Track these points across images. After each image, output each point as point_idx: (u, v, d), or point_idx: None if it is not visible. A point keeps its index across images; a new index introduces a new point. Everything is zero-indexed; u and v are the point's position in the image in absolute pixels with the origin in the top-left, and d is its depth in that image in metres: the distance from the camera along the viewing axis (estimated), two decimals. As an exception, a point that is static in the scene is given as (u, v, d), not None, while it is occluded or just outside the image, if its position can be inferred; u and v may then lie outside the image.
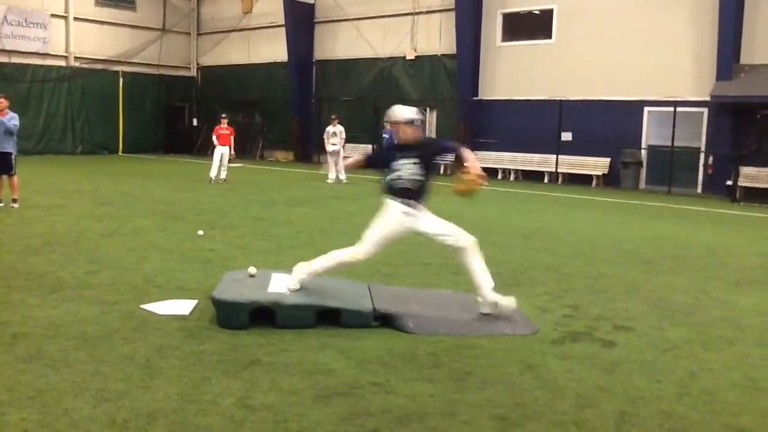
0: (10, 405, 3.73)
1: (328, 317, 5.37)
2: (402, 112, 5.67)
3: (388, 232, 5.52)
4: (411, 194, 5.46)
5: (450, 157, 5.83)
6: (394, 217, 5.48)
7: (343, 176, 18.34)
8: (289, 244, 9.10)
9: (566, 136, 21.12)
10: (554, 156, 21.33)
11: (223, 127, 17.88)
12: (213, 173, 17.37)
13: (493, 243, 9.65)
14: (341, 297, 5.59)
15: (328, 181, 18.45)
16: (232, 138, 17.94)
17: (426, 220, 5.58)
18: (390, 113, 5.73)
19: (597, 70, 20.54)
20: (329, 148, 18.80)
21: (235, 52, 30.61)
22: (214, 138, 17.91)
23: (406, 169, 5.46)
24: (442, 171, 23.86)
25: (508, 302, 5.64)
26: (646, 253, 9.22)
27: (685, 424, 3.79)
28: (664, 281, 7.50)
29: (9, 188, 11.47)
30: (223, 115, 18.61)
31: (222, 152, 17.50)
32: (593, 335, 5.40)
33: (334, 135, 18.73)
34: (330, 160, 18.88)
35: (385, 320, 5.43)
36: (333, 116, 19.53)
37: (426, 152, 5.56)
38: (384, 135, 19.03)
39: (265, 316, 5.29)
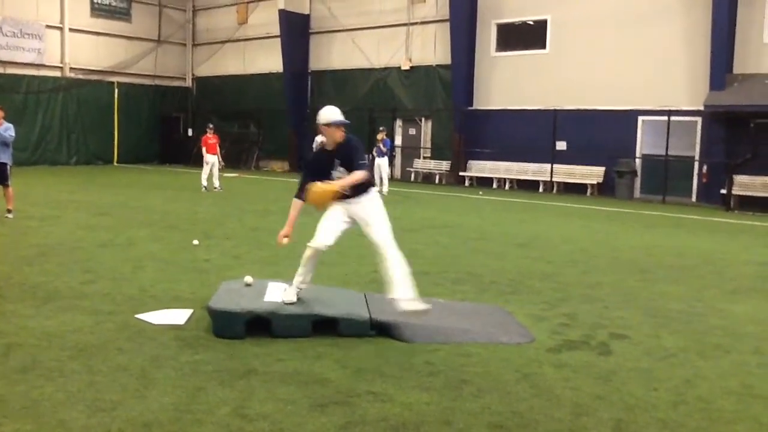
0: (5, 416, 3.71)
1: (325, 326, 5.36)
2: (326, 114, 5.68)
3: (331, 219, 5.59)
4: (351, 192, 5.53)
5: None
6: (335, 207, 5.59)
7: None
8: (284, 254, 9.05)
9: (561, 146, 21.20)
10: (549, 165, 21.38)
11: (210, 137, 18.39)
12: (205, 182, 17.96)
13: (489, 252, 9.67)
14: (338, 306, 5.58)
15: None
16: (218, 146, 18.44)
17: (365, 208, 5.56)
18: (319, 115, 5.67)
19: (591, 79, 20.62)
20: None
21: (230, 63, 30.68)
22: (203, 150, 18.33)
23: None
24: (437, 181, 23.98)
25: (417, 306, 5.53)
26: (642, 262, 9.24)
27: (682, 432, 3.80)
28: (659, 290, 7.51)
29: (4, 199, 11.45)
30: (210, 125, 19.17)
31: (212, 161, 18.10)
32: (589, 343, 5.40)
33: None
34: None
35: (381, 329, 5.42)
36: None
37: (346, 156, 5.55)
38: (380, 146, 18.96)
39: (261, 325, 5.28)
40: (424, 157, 25.12)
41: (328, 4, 27.07)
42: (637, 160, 20.19)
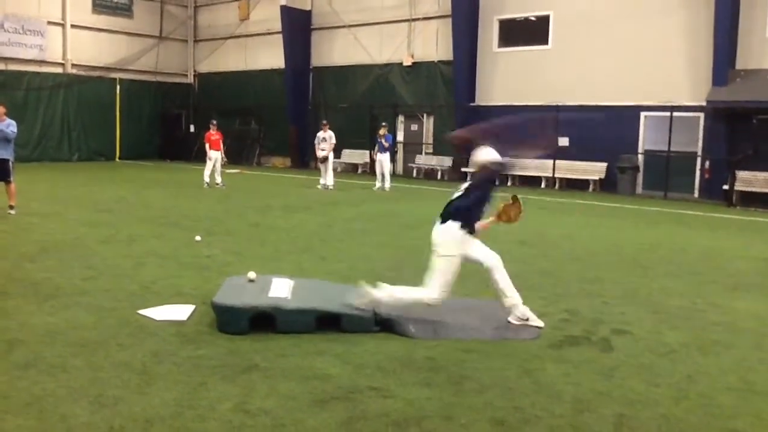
0: (7, 412, 3.73)
1: (328, 322, 5.36)
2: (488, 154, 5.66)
3: (453, 273, 5.59)
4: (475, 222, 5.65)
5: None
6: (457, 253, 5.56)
7: (330, 182, 18.40)
8: (286, 250, 9.10)
9: (563, 142, 21.14)
10: (551, 161, 21.35)
11: (213, 133, 18.51)
12: (207, 178, 18.01)
13: (490, 248, 9.65)
14: (341, 302, 5.57)
15: (319, 186, 18.52)
16: (221, 142, 18.51)
17: (475, 247, 5.74)
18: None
19: (593, 75, 20.58)
20: (319, 154, 18.86)
21: (232, 59, 30.65)
22: (206, 146, 18.41)
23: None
24: (440, 177, 23.97)
25: (537, 322, 5.68)
26: (643, 258, 9.23)
27: (683, 428, 3.80)
28: (661, 285, 7.51)
29: (6, 195, 11.47)
30: (213, 122, 19.30)
31: (215, 157, 18.19)
32: (591, 339, 5.40)
33: (324, 141, 18.74)
34: (320, 165, 18.93)
35: (385, 325, 5.42)
36: (323, 122, 19.58)
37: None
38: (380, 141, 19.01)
39: (265, 321, 5.28)
40: (426, 153, 25.08)
41: (329, 0, 27.03)
42: (640, 156, 20.16)
